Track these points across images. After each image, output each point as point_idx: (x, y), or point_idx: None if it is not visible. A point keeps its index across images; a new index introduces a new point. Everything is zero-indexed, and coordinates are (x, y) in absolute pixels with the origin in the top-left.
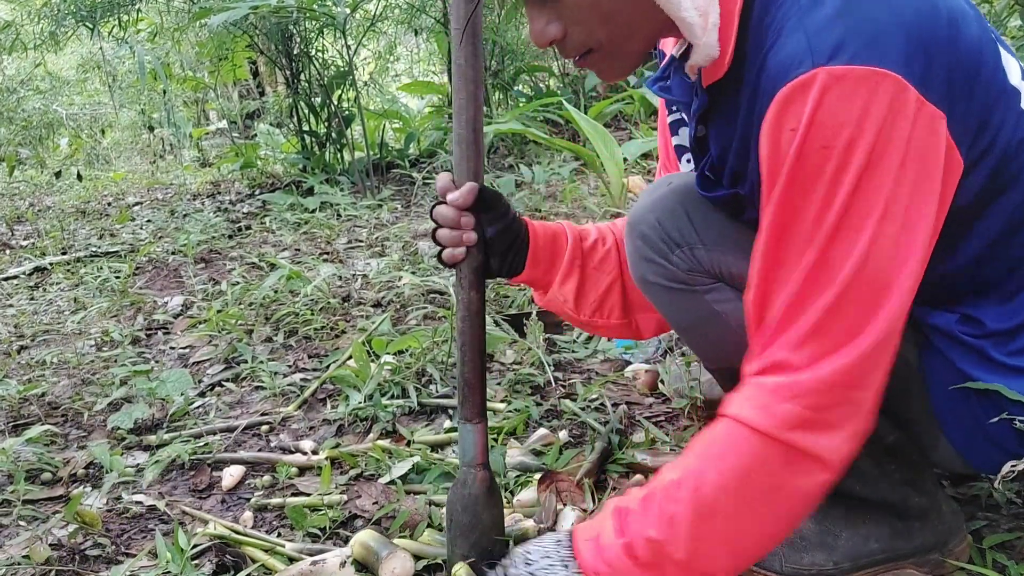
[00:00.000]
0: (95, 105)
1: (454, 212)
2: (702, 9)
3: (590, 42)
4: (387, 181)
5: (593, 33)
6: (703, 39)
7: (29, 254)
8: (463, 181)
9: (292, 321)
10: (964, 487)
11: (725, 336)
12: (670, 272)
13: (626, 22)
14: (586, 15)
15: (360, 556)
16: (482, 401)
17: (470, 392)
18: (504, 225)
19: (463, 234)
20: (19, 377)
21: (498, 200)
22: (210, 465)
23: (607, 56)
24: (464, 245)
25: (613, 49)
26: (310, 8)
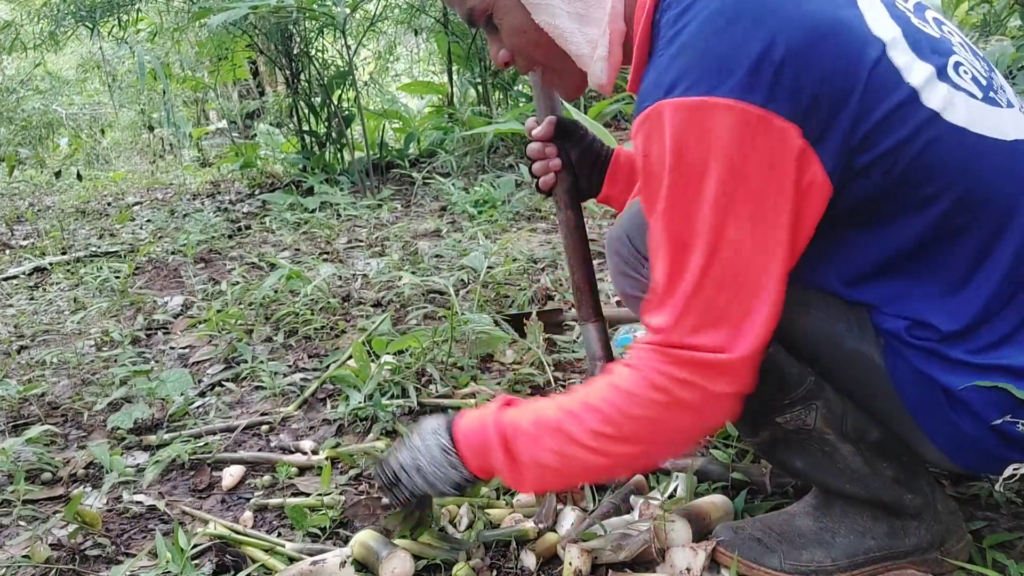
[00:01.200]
0: (95, 105)
1: (540, 145)
2: (593, 43)
3: (533, 63)
4: (387, 181)
5: (532, 56)
6: (590, 67)
7: (29, 254)
8: (543, 118)
9: (292, 321)
10: (964, 487)
11: None
12: (643, 284)
13: (551, 49)
14: (518, 42)
15: (360, 556)
16: (596, 302)
17: (583, 296)
18: (584, 147)
19: (550, 161)
20: (19, 377)
21: (575, 127)
22: (210, 465)
23: (555, 74)
24: (552, 171)
25: (557, 67)
26: (310, 8)
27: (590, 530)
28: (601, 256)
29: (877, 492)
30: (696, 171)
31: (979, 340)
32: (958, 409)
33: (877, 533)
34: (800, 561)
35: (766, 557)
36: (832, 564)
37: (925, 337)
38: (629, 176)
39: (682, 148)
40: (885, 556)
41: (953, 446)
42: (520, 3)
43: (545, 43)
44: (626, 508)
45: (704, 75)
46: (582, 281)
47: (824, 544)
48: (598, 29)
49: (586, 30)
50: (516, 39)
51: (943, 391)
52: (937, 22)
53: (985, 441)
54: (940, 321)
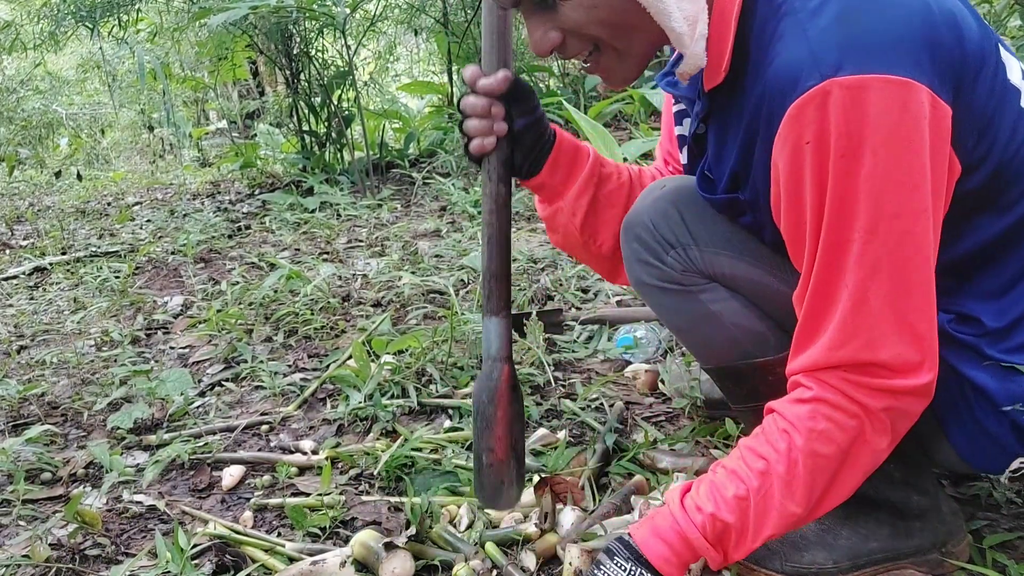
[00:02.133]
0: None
1: (485, 101)
2: (691, 20)
3: (588, 45)
4: (387, 181)
5: (596, 35)
6: (690, 48)
7: (29, 254)
8: (493, 70)
9: (292, 321)
10: (964, 487)
11: (720, 335)
12: (665, 273)
13: (623, 27)
14: (585, 19)
15: (360, 556)
16: (507, 294)
17: (495, 285)
18: (533, 119)
19: (493, 123)
20: (19, 377)
21: (530, 93)
22: (210, 465)
23: (613, 56)
24: (494, 135)
25: (619, 48)
26: (310, 8)
27: (590, 530)
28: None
29: (884, 493)
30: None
31: (1015, 339)
32: (983, 406)
33: (880, 535)
34: (801, 563)
35: (767, 558)
36: (834, 566)
37: (968, 332)
38: (570, 165)
39: (860, 130)
40: (887, 557)
41: (970, 444)
42: None
43: (622, 20)
44: (626, 508)
45: (874, 51)
46: (498, 268)
47: (826, 546)
48: (696, 5)
49: (684, 5)
50: (586, 15)
51: (972, 387)
52: None
53: (1005, 439)
54: (987, 317)
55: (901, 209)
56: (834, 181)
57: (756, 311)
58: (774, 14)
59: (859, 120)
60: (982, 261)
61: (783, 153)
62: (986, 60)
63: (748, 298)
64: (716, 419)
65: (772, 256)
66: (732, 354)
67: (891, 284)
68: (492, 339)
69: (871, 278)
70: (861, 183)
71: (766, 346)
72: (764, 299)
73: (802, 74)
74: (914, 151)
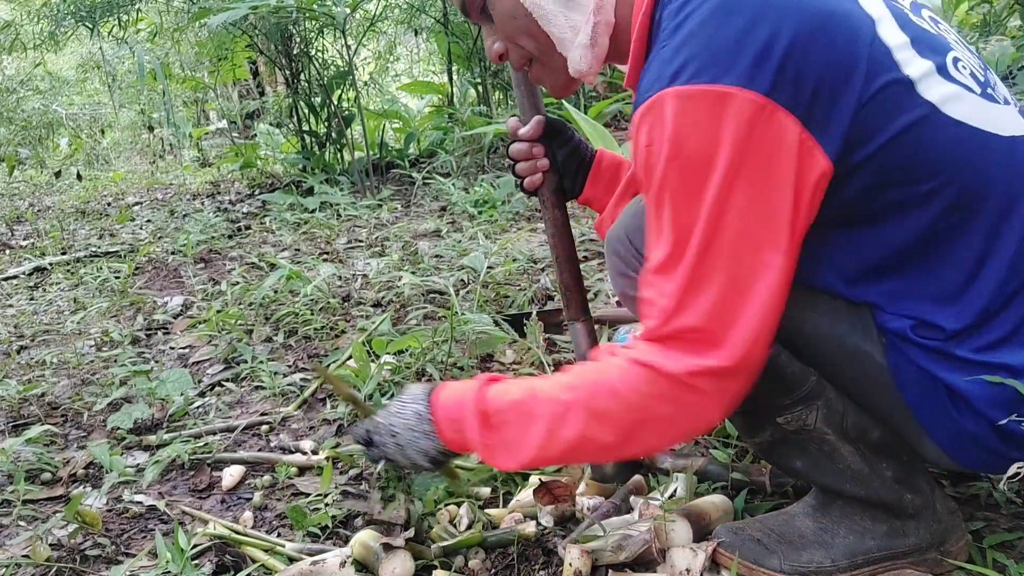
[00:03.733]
0: (95, 105)
1: (527, 145)
2: (575, 28)
3: (525, 55)
4: (387, 181)
5: (524, 46)
6: (570, 52)
7: (29, 254)
8: (528, 118)
9: (292, 321)
10: (963, 487)
11: None
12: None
13: (540, 36)
14: (509, 30)
15: (360, 556)
16: (583, 301)
17: (572, 295)
18: (571, 148)
19: (537, 161)
20: (19, 377)
21: (564, 127)
22: (210, 465)
23: (540, 67)
24: (540, 171)
25: (544, 60)
26: (310, 8)
27: (590, 531)
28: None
29: (877, 492)
30: (698, 158)
31: (982, 339)
32: (960, 407)
33: (877, 533)
34: (800, 562)
35: (766, 558)
36: (832, 565)
37: (931, 336)
38: (611, 178)
39: (684, 136)
40: (885, 556)
41: (953, 444)
42: None
43: (533, 30)
44: (626, 508)
45: (708, 63)
46: (570, 280)
47: (824, 545)
48: (582, 16)
49: (570, 15)
50: (507, 26)
51: (946, 389)
52: (933, 20)
53: (986, 439)
54: (945, 320)
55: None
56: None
57: None
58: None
59: (686, 127)
60: (920, 259)
61: (633, 154)
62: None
63: None
64: None
65: None
66: None
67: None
68: (579, 342)
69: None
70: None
71: None
72: None
73: (651, 87)
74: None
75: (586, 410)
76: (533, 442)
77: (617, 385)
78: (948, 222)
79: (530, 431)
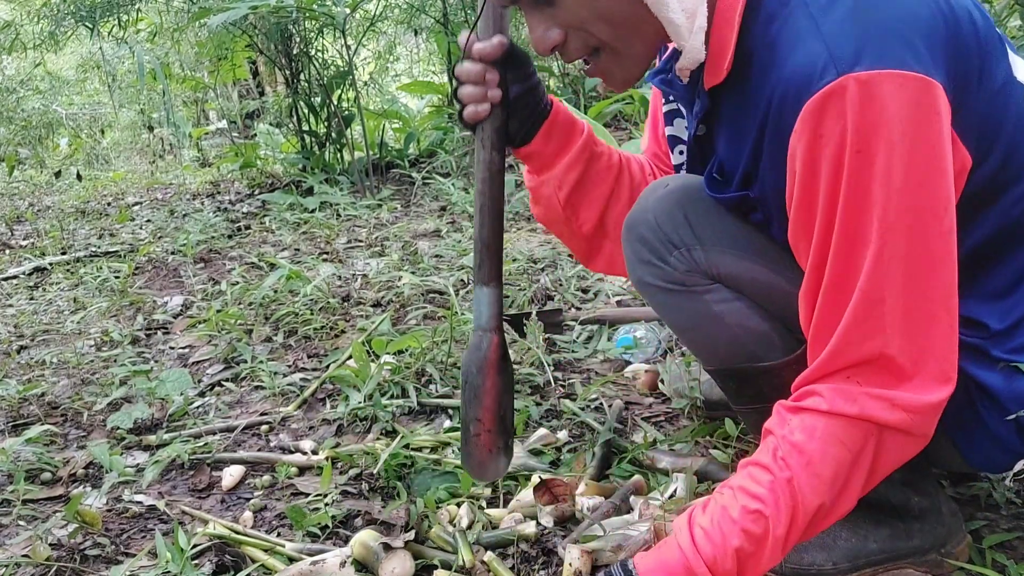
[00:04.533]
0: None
1: (480, 67)
2: (689, 11)
3: (591, 44)
4: (387, 181)
5: (593, 35)
6: (688, 41)
7: (29, 254)
8: (488, 36)
9: (292, 321)
10: (964, 487)
11: (723, 336)
12: (668, 274)
13: (623, 23)
14: (584, 15)
15: (360, 556)
16: (499, 264)
17: (487, 254)
18: (529, 86)
19: (488, 90)
20: (19, 377)
21: (526, 59)
22: (210, 465)
23: (613, 57)
24: (488, 102)
25: (618, 49)
26: (310, 8)
27: (590, 531)
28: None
29: (884, 494)
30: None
31: (1017, 340)
32: (986, 404)
33: (879, 535)
34: (801, 564)
35: None
36: (833, 567)
37: (974, 335)
38: (566, 136)
39: (873, 125)
40: (887, 558)
41: (972, 443)
42: None
43: (621, 15)
44: (626, 508)
45: (891, 46)
46: (490, 236)
47: (825, 547)
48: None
49: None
50: (583, 9)
51: (975, 386)
52: None
53: (1009, 438)
54: (991, 319)
55: (918, 206)
56: (849, 177)
57: (761, 312)
58: (783, 7)
59: (875, 116)
60: (985, 259)
61: (799, 148)
62: (994, 54)
63: (753, 299)
64: (716, 419)
65: (780, 255)
66: (736, 356)
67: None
68: (482, 309)
69: (886, 276)
70: (877, 180)
71: (771, 347)
72: (770, 299)
73: (817, 70)
74: (930, 147)
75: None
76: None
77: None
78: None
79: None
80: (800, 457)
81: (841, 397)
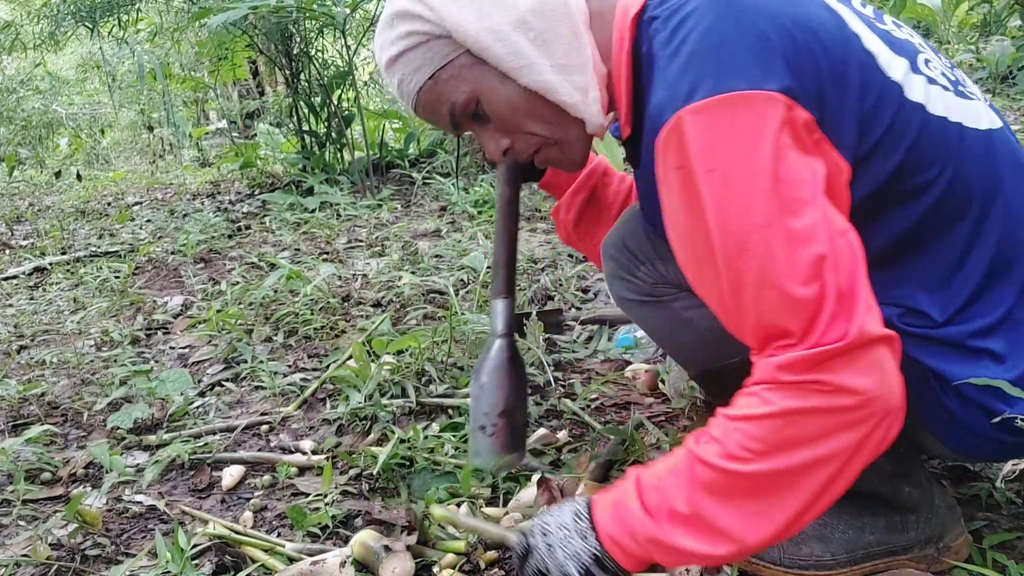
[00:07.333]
0: (95, 105)
1: None
2: (581, 89)
3: (535, 142)
4: (387, 181)
5: (533, 134)
6: (584, 113)
7: (29, 254)
8: None
9: (292, 321)
10: (964, 487)
11: (695, 340)
12: (639, 286)
13: (549, 117)
14: (515, 121)
15: (360, 556)
16: (510, 279)
17: (500, 271)
18: None
19: None
20: (19, 377)
21: None
22: (210, 465)
23: (555, 147)
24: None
25: (557, 139)
26: (310, 8)
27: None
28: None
29: (876, 486)
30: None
31: (967, 326)
32: (949, 393)
33: (876, 527)
34: (799, 555)
35: (765, 552)
36: (831, 559)
37: (918, 324)
38: None
39: (715, 146)
40: (884, 551)
41: (947, 431)
42: (502, 76)
43: (540, 109)
44: None
45: (719, 75)
46: (503, 257)
47: (823, 539)
48: (584, 75)
49: (573, 78)
50: (511, 116)
51: (935, 376)
52: (896, 24)
53: (977, 424)
54: (932, 308)
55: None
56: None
57: None
58: (648, 65)
59: (715, 137)
60: (911, 251)
61: (663, 185)
62: (848, 58)
63: None
64: None
65: None
66: (709, 357)
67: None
68: (496, 317)
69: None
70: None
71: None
72: None
73: (663, 112)
74: (778, 153)
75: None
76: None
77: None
78: (939, 214)
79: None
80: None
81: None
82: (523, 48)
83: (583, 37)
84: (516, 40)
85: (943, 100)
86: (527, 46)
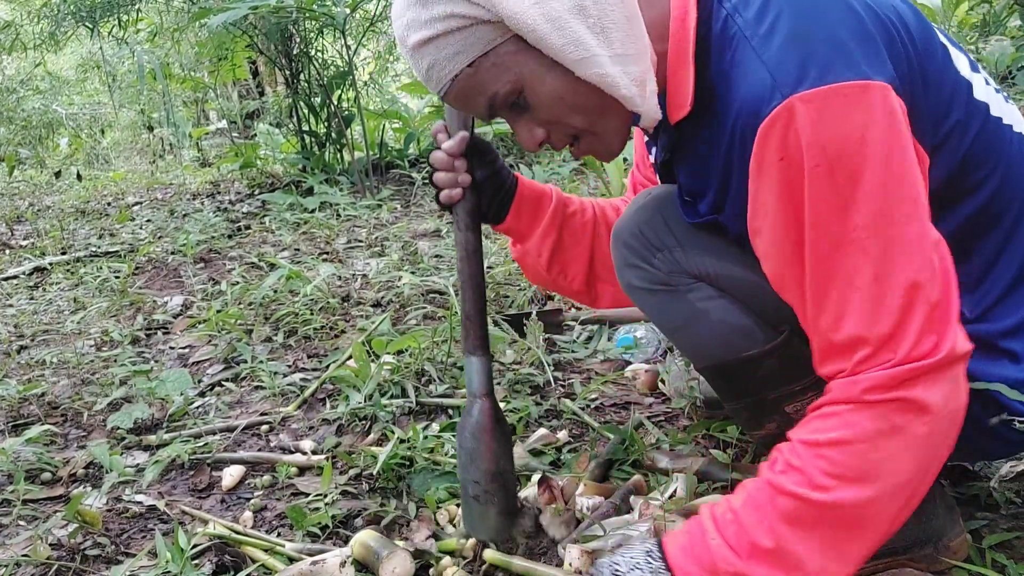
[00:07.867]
0: (95, 105)
1: (448, 157)
2: (639, 81)
3: (571, 132)
4: (387, 181)
5: (571, 125)
6: (642, 108)
7: (29, 254)
8: (455, 131)
9: (292, 321)
10: (964, 487)
11: (708, 333)
12: (653, 275)
13: (593, 109)
14: (557, 112)
15: (360, 556)
16: (483, 334)
17: (472, 325)
18: (492, 171)
19: (458, 176)
20: (19, 377)
21: (488, 148)
22: (210, 465)
23: (593, 139)
24: (459, 187)
25: (595, 131)
26: (310, 8)
27: (590, 531)
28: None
29: None
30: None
31: (992, 326)
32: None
33: None
34: None
35: None
36: None
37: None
38: (534, 209)
39: (824, 143)
40: (884, 551)
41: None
42: (551, 65)
43: (587, 103)
44: (626, 508)
45: (829, 60)
46: (472, 310)
47: None
48: (640, 65)
49: (630, 69)
50: (555, 108)
51: None
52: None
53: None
54: (965, 309)
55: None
56: (811, 193)
57: (741, 307)
58: (728, 43)
59: (826, 131)
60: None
61: (759, 174)
62: (933, 51)
63: (733, 295)
64: (716, 419)
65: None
66: (721, 351)
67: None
68: (472, 376)
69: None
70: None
71: (753, 339)
72: (749, 295)
73: (765, 96)
74: (888, 149)
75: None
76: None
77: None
78: (987, 214)
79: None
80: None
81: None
82: (583, 37)
83: (638, 22)
84: (575, 28)
85: (998, 102)
86: (587, 35)
